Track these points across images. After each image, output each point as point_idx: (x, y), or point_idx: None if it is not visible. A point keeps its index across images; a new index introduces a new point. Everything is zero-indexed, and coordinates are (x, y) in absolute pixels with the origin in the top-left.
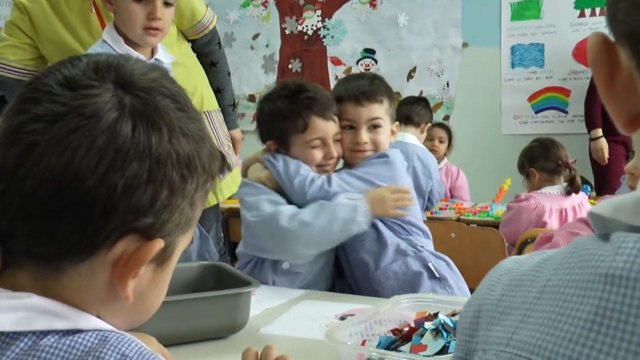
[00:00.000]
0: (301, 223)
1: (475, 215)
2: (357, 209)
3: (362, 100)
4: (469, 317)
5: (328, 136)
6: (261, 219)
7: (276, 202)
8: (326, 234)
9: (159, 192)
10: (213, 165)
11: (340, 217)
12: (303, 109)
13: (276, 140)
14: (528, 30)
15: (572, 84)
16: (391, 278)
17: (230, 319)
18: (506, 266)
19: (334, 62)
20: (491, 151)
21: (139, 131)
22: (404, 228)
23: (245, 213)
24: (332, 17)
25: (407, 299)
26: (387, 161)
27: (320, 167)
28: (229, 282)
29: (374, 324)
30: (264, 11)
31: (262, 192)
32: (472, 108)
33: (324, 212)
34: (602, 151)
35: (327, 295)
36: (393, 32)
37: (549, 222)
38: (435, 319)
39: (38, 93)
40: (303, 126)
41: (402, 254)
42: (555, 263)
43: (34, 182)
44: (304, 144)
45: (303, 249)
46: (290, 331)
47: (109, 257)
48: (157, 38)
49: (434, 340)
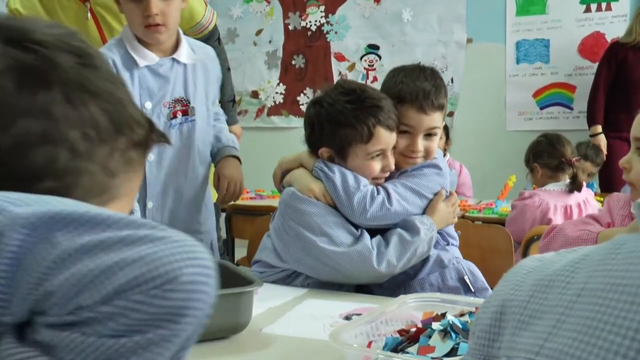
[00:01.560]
0: (388, 265)
1: (480, 212)
2: (432, 240)
3: (427, 108)
4: (488, 319)
5: (389, 148)
6: (348, 251)
7: (349, 229)
8: (404, 267)
9: (57, 153)
10: (135, 131)
11: (420, 254)
12: (369, 118)
13: (334, 148)
14: (533, 26)
15: (578, 80)
16: (427, 289)
17: (233, 319)
18: (529, 264)
19: (338, 58)
20: (495, 147)
21: (27, 86)
22: (444, 237)
23: (311, 236)
24: (336, 13)
25: (413, 298)
26: (439, 173)
27: (376, 179)
28: (230, 280)
29: (379, 324)
30: (267, 7)
31: (328, 213)
32: (477, 104)
33: (408, 250)
34: (600, 148)
35: (331, 293)
36: (397, 28)
37: (554, 219)
38: (442, 319)
39: None
40: (368, 136)
41: (441, 265)
42: (593, 264)
43: None
44: (365, 155)
45: (384, 280)
46: (293, 331)
47: None
48: (162, 34)
49: (442, 341)
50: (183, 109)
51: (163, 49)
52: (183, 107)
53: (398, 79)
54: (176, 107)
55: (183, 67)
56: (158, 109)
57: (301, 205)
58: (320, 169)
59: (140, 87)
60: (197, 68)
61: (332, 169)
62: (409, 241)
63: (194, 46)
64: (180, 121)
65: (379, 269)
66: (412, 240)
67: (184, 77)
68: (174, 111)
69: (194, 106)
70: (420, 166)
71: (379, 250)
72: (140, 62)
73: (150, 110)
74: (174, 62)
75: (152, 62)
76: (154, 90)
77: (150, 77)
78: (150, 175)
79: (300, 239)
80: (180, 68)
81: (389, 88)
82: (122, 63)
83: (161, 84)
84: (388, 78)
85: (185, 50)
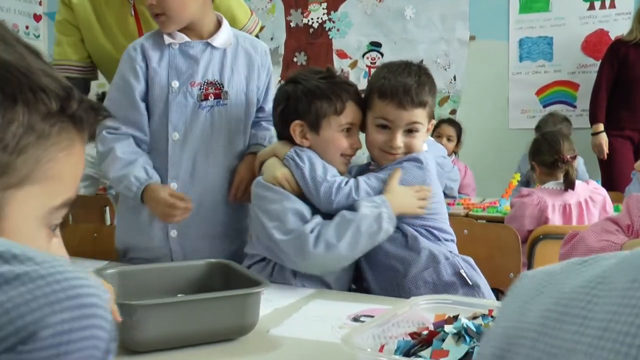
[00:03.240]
0: (327, 245)
1: (484, 210)
2: (381, 217)
3: (406, 103)
4: (489, 356)
5: (357, 125)
6: (288, 238)
7: (301, 214)
8: (354, 249)
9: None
10: (43, 101)
11: (366, 231)
12: (342, 92)
13: (307, 120)
14: (536, 23)
15: (581, 78)
16: (421, 287)
17: (240, 320)
18: (536, 283)
19: (340, 56)
20: (498, 146)
21: None
22: (433, 234)
23: (267, 222)
24: (338, 10)
25: (425, 300)
26: (420, 167)
27: (344, 156)
28: (236, 281)
29: (391, 326)
30: (268, 4)
31: (284, 198)
32: (479, 102)
33: (349, 228)
34: (601, 146)
35: (338, 294)
36: (399, 25)
37: (551, 218)
38: (455, 321)
39: None
40: (341, 108)
41: (434, 261)
42: (616, 295)
43: None
44: (337, 127)
45: (333, 267)
46: (301, 333)
47: None
48: (165, 24)
49: (456, 345)
50: (216, 92)
51: (199, 33)
52: (216, 90)
53: (381, 74)
54: (208, 89)
55: (221, 52)
56: (185, 88)
57: (262, 192)
58: (291, 157)
59: (169, 67)
60: (238, 56)
61: (302, 158)
62: (349, 219)
63: (240, 37)
64: (211, 104)
65: (316, 251)
66: (352, 217)
67: (221, 62)
68: (206, 93)
69: (228, 91)
70: (399, 161)
71: (318, 232)
72: (168, 41)
73: (177, 89)
74: (207, 46)
75: (181, 41)
76: (181, 70)
77: (180, 57)
78: (174, 154)
79: (260, 224)
80: (217, 53)
81: (373, 83)
82: (152, 45)
83: (190, 64)
84: (374, 73)
85: (223, 36)
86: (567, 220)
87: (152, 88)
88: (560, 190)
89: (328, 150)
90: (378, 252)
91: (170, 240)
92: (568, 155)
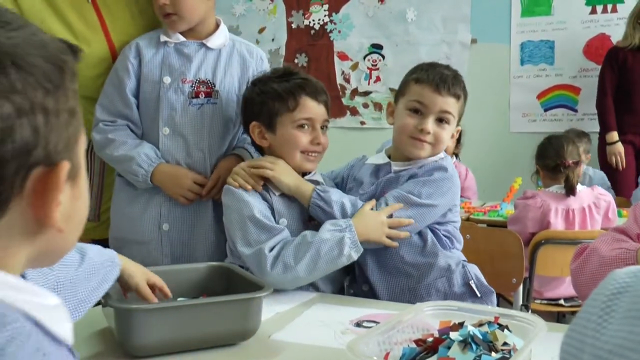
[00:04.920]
0: (285, 267)
1: (485, 214)
2: (343, 241)
3: (442, 89)
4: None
5: (317, 119)
6: (250, 253)
7: (260, 223)
8: (312, 272)
9: (36, 120)
10: (67, 62)
11: (325, 255)
12: (295, 88)
13: (263, 122)
14: (538, 27)
15: (582, 82)
16: (433, 295)
17: (241, 325)
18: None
19: (341, 57)
20: (499, 149)
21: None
22: (450, 240)
23: (232, 233)
24: (339, 12)
25: (430, 306)
26: (448, 177)
27: (305, 153)
28: (238, 284)
29: (395, 332)
30: (270, 5)
31: (243, 206)
32: (481, 105)
33: (308, 251)
34: (619, 156)
35: (340, 298)
36: (401, 27)
37: (553, 222)
38: (460, 328)
39: None
40: (294, 105)
41: (448, 269)
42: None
43: None
44: (292, 124)
45: (291, 286)
46: (303, 338)
47: (23, 203)
48: (176, 23)
49: (462, 353)
50: (207, 91)
51: (196, 34)
52: (207, 89)
53: (420, 67)
54: (200, 87)
55: (216, 53)
56: (176, 84)
57: (224, 200)
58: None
59: (162, 63)
60: (233, 59)
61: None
62: (309, 242)
63: (237, 41)
64: (201, 101)
65: (273, 272)
66: (312, 240)
67: (215, 62)
68: (197, 91)
69: (219, 90)
70: (429, 170)
71: (277, 252)
72: (164, 39)
73: (169, 85)
74: (202, 46)
75: (176, 41)
76: (174, 67)
77: (174, 55)
78: (164, 147)
79: (228, 234)
80: (211, 53)
81: (410, 73)
82: (148, 43)
83: (183, 61)
84: (412, 69)
85: (219, 38)
86: (570, 225)
87: (144, 84)
88: (563, 195)
89: (286, 148)
90: (394, 257)
91: (162, 234)
92: (571, 161)
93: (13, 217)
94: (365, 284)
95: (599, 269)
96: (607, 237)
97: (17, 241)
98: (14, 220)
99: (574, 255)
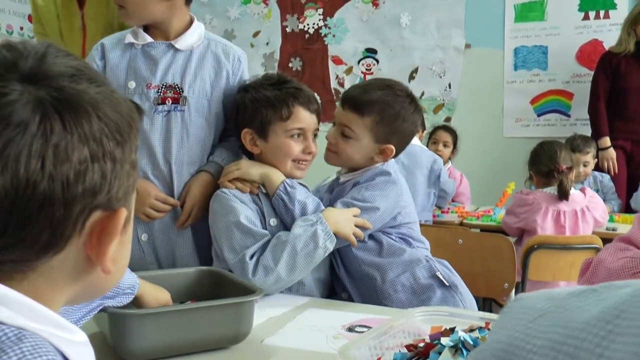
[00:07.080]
0: (265, 270)
1: (478, 219)
2: (316, 234)
3: (345, 104)
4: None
5: (309, 129)
6: (234, 261)
7: (246, 228)
8: (292, 270)
9: (105, 166)
10: (134, 118)
11: (302, 250)
12: (289, 97)
13: (255, 129)
14: (532, 32)
15: (575, 87)
16: (400, 291)
17: (233, 329)
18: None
19: (335, 62)
20: (492, 154)
21: (68, 121)
22: (408, 242)
23: (218, 238)
24: (334, 16)
25: (421, 312)
26: (391, 180)
27: (296, 161)
28: (227, 288)
29: (387, 337)
30: (265, 9)
31: (229, 211)
32: (474, 110)
33: (284, 250)
34: (611, 161)
35: (332, 303)
36: (395, 32)
37: (540, 223)
38: (451, 334)
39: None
40: (287, 114)
41: (410, 265)
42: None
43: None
44: (284, 132)
45: (275, 290)
46: (296, 343)
47: (80, 241)
48: (125, 16)
49: (453, 358)
50: (174, 97)
51: (164, 35)
52: (175, 94)
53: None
54: (167, 93)
55: (186, 55)
56: (140, 89)
57: (212, 205)
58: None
59: (128, 67)
60: (205, 61)
61: (292, 201)
62: (283, 241)
63: (212, 41)
64: (168, 108)
65: (255, 277)
66: (286, 238)
67: (184, 65)
68: (163, 97)
69: (187, 96)
70: (371, 176)
71: (257, 258)
72: (129, 40)
73: (133, 90)
74: (170, 48)
75: (143, 42)
76: (139, 71)
77: (141, 58)
78: None
79: (215, 240)
80: (180, 55)
81: None
82: (114, 44)
83: (148, 65)
84: None
85: (189, 39)
86: (560, 227)
87: None
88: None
89: (277, 156)
90: (352, 261)
91: (142, 244)
92: (564, 166)
93: (69, 255)
94: (345, 292)
95: (607, 280)
96: (610, 249)
97: (66, 277)
98: (69, 257)
99: (580, 270)
